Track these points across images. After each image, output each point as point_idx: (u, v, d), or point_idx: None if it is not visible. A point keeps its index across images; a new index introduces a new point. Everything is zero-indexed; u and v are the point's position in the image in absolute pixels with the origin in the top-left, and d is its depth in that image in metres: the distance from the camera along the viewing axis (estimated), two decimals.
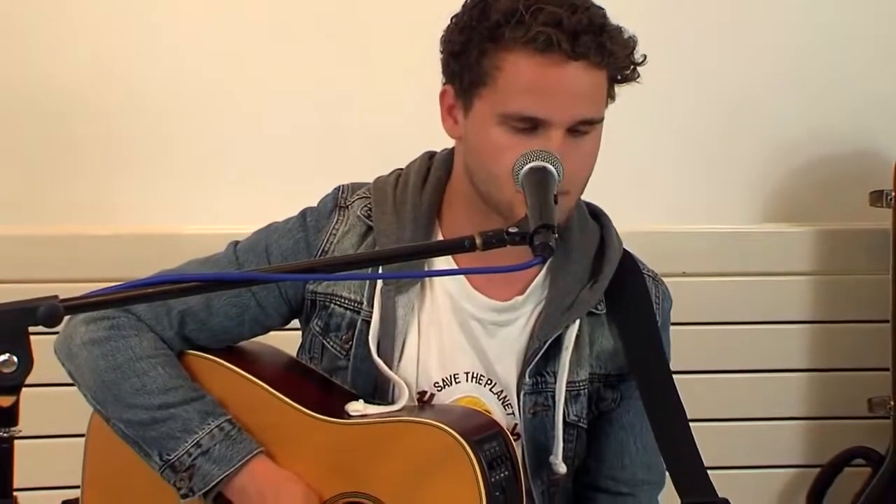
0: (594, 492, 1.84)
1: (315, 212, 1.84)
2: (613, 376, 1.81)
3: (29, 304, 1.23)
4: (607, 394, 1.81)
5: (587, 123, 1.68)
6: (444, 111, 1.76)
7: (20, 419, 1.28)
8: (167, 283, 1.32)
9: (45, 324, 1.23)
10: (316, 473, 1.73)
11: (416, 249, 1.71)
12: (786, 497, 2.76)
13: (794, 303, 2.72)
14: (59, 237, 2.56)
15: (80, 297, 1.29)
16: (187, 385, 1.79)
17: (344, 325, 1.80)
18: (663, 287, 1.87)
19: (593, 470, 1.84)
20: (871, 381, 2.70)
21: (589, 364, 1.79)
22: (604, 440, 1.83)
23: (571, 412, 1.78)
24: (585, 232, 1.81)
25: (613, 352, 1.80)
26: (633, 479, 1.82)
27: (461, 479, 1.62)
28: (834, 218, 2.76)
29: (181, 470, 1.75)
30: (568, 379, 1.76)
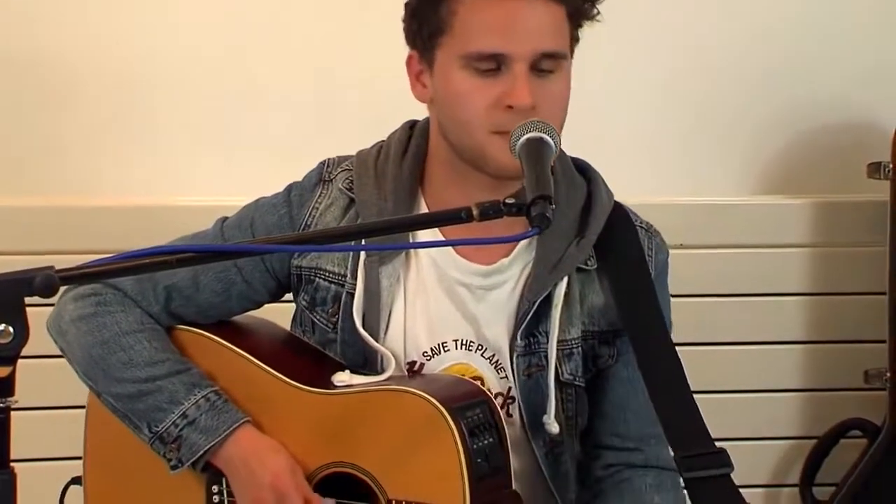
0: (601, 450, 1.83)
1: (299, 186, 1.84)
2: (608, 332, 1.80)
3: (25, 274, 1.23)
4: (603, 350, 1.81)
5: (550, 58, 1.67)
6: (412, 78, 1.76)
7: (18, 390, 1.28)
8: (160, 255, 1.32)
9: (41, 294, 1.23)
10: (302, 444, 1.74)
11: (409, 221, 1.72)
12: (782, 468, 2.77)
13: (791, 275, 2.72)
14: (53, 209, 2.57)
15: (75, 268, 1.30)
16: (174, 358, 1.80)
17: (329, 299, 1.81)
18: (657, 239, 1.85)
19: (598, 428, 1.83)
20: (868, 353, 2.70)
21: (581, 322, 1.78)
22: (605, 397, 1.82)
23: (565, 371, 1.78)
24: (572, 187, 1.80)
25: (605, 307, 1.79)
26: (639, 434, 1.81)
27: (442, 448, 1.63)
28: (831, 190, 2.76)
29: (169, 441, 1.76)
30: (559, 338, 1.75)
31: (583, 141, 1.84)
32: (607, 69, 2.64)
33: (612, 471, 1.82)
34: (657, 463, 1.81)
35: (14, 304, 1.23)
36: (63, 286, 1.26)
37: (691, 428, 1.69)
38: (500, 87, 1.65)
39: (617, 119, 2.72)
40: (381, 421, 1.69)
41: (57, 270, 1.25)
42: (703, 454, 1.66)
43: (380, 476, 1.68)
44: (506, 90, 1.65)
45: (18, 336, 1.23)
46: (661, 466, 1.81)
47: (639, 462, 1.81)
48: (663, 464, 1.80)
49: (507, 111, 1.65)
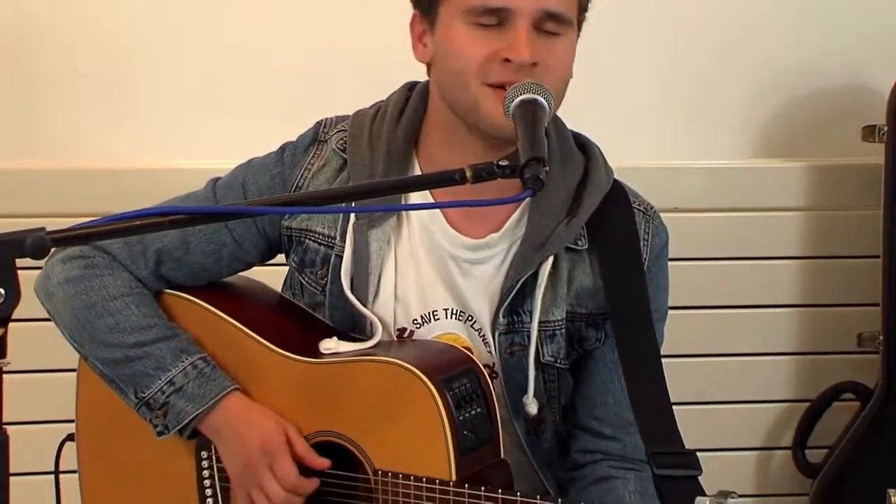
0: (579, 431, 1.83)
1: (293, 146, 1.83)
2: (596, 315, 1.78)
3: (16, 236, 1.23)
4: (590, 333, 1.79)
5: (555, 20, 1.65)
6: (414, 39, 1.75)
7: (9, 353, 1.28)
8: (151, 216, 1.31)
9: (33, 256, 1.23)
10: (289, 412, 1.74)
11: (402, 182, 1.70)
12: (774, 431, 2.77)
13: (786, 238, 2.72)
14: (44, 171, 2.56)
15: (66, 230, 1.30)
16: (161, 324, 1.79)
17: (318, 261, 1.80)
18: (656, 222, 1.81)
19: (579, 409, 1.82)
20: (861, 317, 2.70)
21: (567, 303, 1.76)
22: (588, 379, 1.81)
23: (546, 352, 1.76)
24: (568, 164, 1.78)
25: (594, 290, 1.77)
26: (617, 419, 1.80)
27: (427, 420, 1.63)
28: (826, 153, 2.75)
29: (156, 407, 1.75)
30: (541, 318, 1.74)
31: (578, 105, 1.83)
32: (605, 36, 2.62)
33: (588, 458, 1.82)
34: (633, 454, 1.80)
35: (5, 266, 1.22)
36: (54, 248, 1.26)
37: (664, 425, 1.68)
38: (500, 42, 1.64)
39: (612, 84, 2.70)
40: (367, 391, 1.69)
41: (48, 232, 1.25)
42: (675, 453, 1.65)
43: (366, 446, 1.68)
44: (506, 44, 1.63)
45: (10, 298, 1.23)
46: (638, 458, 1.79)
47: (616, 452, 1.80)
48: (640, 455, 1.78)
49: (503, 64, 1.63)
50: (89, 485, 1.90)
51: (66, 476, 1.92)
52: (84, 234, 1.30)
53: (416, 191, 1.74)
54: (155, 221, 1.32)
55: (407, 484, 1.64)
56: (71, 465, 1.91)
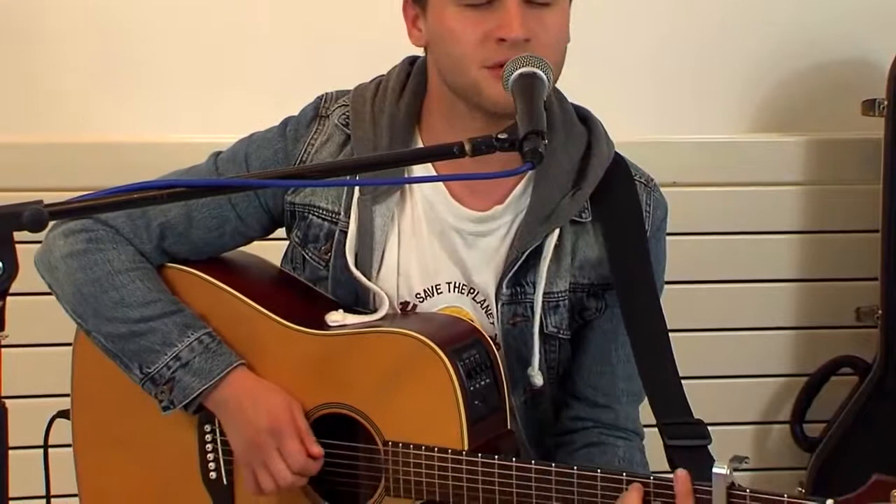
0: (574, 399, 1.83)
1: (295, 121, 1.82)
2: (598, 286, 1.79)
3: (13, 208, 1.22)
4: (591, 303, 1.79)
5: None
6: (409, 25, 1.75)
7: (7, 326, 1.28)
8: (151, 189, 1.31)
9: (30, 228, 1.22)
10: (296, 385, 1.73)
11: (402, 156, 1.70)
12: (773, 406, 2.78)
13: (785, 213, 2.72)
14: (43, 145, 2.55)
15: (64, 203, 1.29)
16: (166, 298, 1.78)
17: (322, 236, 1.79)
18: (656, 194, 1.82)
19: (574, 377, 1.83)
20: (860, 291, 2.71)
21: (571, 275, 1.77)
22: (585, 348, 1.82)
23: (550, 323, 1.77)
24: (571, 137, 1.78)
25: (597, 261, 1.78)
26: (612, 388, 1.81)
27: (439, 390, 1.63)
28: (825, 127, 2.74)
29: (161, 383, 1.75)
30: (545, 290, 1.74)
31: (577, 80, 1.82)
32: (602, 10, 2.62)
33: (579, 425, 1.82)
34: (625, 424, 1.81)
35: (3, 239, 1.22)
36: (52, 221, 1.25)
37: (673, 395, 1.69)
38: (491, 21, 1.63)
39: (612, 57, 2.70)
40: (376, 362, 1.69)
41: (46, 205, 1.24)
42: (685, 423, 1.66)
43: (376, 417, 1.68)
44: (497, 23, 1.63)
45: (7, 271, 1.22)
46: (629, 428, 1.81)
47: (608, 421, 1.81)
48: (632, 425, 1.81)
49: (498, 44, 1.63)
50: (85, 460, 1.89)
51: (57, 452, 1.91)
52: (82, 207, 1.29)
53: (416, 164, 1.74)
54: (155, 194, 1.31)
55: (418, 454, 1.64)
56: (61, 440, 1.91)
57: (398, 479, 1.66)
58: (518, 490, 1.60)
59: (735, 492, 1.50)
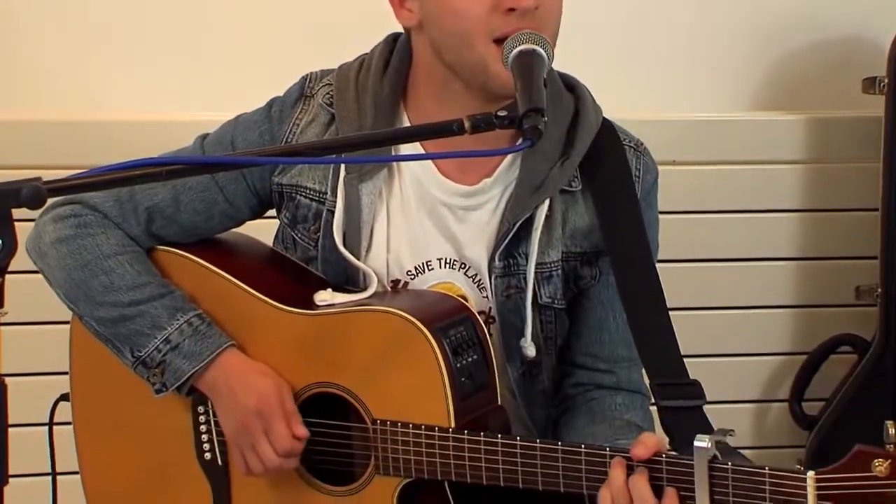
0: (574, 368, 1.84)
1: (280, 102, 1.82)
2: (590, 253, 1.79)
3: (11, 185, 1.22)
4: (585, 271, 1.80)
5: None
6: (395, 5, 1.74)
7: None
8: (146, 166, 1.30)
9: (29, 205, 1.22)
10: (285, 365, 1.74)
11: (397, 133, 1.70)
12: (772, 384, 2.78)
13: (784, 191, 2.72)
14: (40, 123, 2.54)
15: (62, 180, 1.29)
16: (156, 281, 1.79)
17: (311, 217, 1.79)
18: (646, 158, 1.82)
19: (574, 347, 1.83)
20: (859, 269, 2.70)
21: (563, 244, 1.77)
22: (582, 317, 1.82)
23: (544, 294, 1.77)
24: (559, 106, 1.77)
25: (589, 229, 1.77)
26: (612, 356, 1.81)
27: (425, 368, 1.63)
28: (825, 105, 2.73)
29: (153, 366, 1.76)
30: (537, 261, 1.74)
31: (574, 57, 1.82)
32: None
33: (581, 389, 1.83)
34: (628, 386, 1.82)
35: (1, 215, 1.22)
36: (51, 198, 1.25)
37: (667, 356, 1.69)
38: None
39: (611, 34, 2.69)
40: (364, 341, 1.69)
41: (44, 182, 1.24)
42: (678, 384, 1.67)
43: (364, 396, 1.69)
44: None
45: (6, 247, 1.22)
46: (631, 389, 1.81)
47: (609, 384, 1.82)
48: (633, 387, 1.81)
49: (507, 15, 1.62)
50: (85, 440, 1.90)
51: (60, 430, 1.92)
52: (80, 185, 1.29)
53: (411, 142, 1.73)
54: (150, 171, 1.31)
55: (406, 432, 1.64)
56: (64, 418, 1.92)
57: (387, 457, 1.66)
58: (504, 466, 1.61)
59: (717, 465, 1.51)
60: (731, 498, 1.50)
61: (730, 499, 1.50)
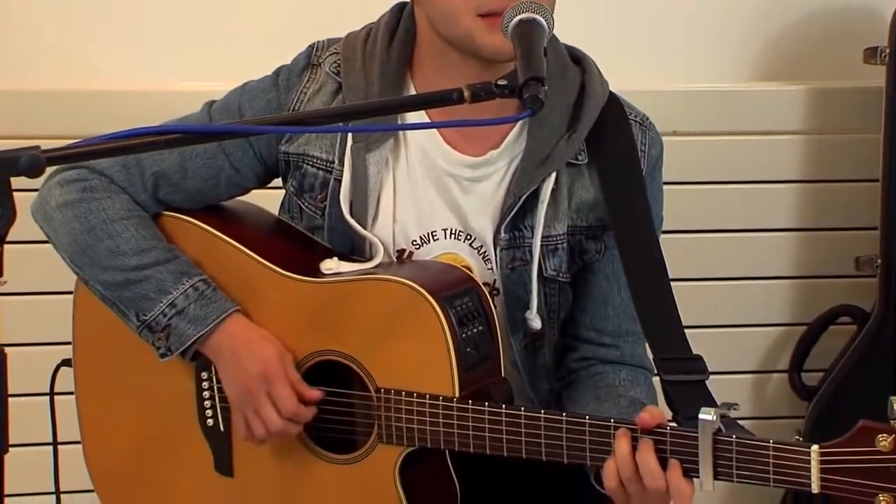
0: (578, 342, 1.84)
1: (287, 70, 1.82)
2: (595, 227, 1.79)
3: (10, 154, 1.22)
4: (590, 245, 1.80)
5: None
6: None
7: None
8: (148, 135, 1.30)
9: (27, 174, 1.22)
10: (290, 332, 1.74)
11: (399, 102, 1.70)
12: (771, 354, 2.79)
13: (785, 162, 2.71)
14: (39, 93, 2.54)
15: (62, 148, 1.28)
16: (161, 246, 1.79)
17: (317, 185, 1.79)
18: (652, 133, 1.82)
19: (578, 321, 1.84)
20: (859, 240, 2.70)
21: (568, 217, 1.77)
22: (587, 291, 1.82)
23: (549, 267, 1.77)
24: (565, 78, 1.77)
25: (594, 203, 1.77)
26: (616, 330, 1.82)
27: (430, 337, 1.63)
28: (827, 76, 2.73)
29: (158, 330, 1.76)
30: (543, 234, 1.74)
31: (575, 28, 1.81)
32: None
33: (585, 363, 1.83)
34: (631, 360, 1.82)
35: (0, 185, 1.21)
36: (49, 166, 1.25)
37: (670, 331, 1.69)
38: None
39: (610, 6, 2.68)
40: (369, 309, 1.69)
41: (43, 151, 1.24)
42: (681, 359, 1.67)
43: (368, 364, 1.69)
44: None
45: (5, 216, 1.22)
46: (635, 364, 1.82)
47: (613, 358, 1.82)
48: (637, 361, 1.82)
49: None
50: (87, 407, 1.91)
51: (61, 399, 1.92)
52: (79, 153, 1.29)
53: (413, 111, 1.73)
54: (152, 140, 1.31)
55: (409, 401, 1.65)
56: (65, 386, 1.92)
57: (390, 425, 1.67)
58: (508, 437, 1.61)
59: (721, 437, 1.51)
60: (735, 471, 1.50)
61: (733, 471, 1.51)
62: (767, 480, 1.49)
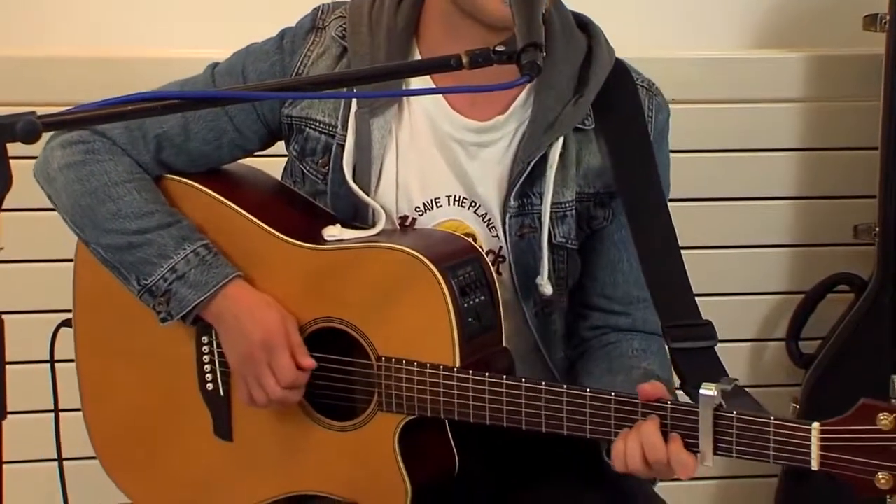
0: (589, 310, 1.83)
1: (292, 33, 1.81)
2: (603, 194, 1.78)
3: (6, 119, 1.22)
4: (598, 212, 1.79)
5: None
6: None
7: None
8: (146, 101, 1.30)
9: (24, 139, 1.22)
10: (292, 298, 1.74)
11: (399, 68, 1.69)
12: (769, 323, 2.79)
13: (783, 129, 2.70)
14: (38, 59, 2.52)
15: (57, 114, 1.28)
16: (163, 210, 1.78)
17: (320, 150, 1.78)
18: (658, 98, 1.81)
19: (587, 288, 1.83)
20: (858, 208, 2.70)
21: (576, 184, 1.76)
22: (596, 258, 1.82)
23: (558, 233, 1.77)
24: (571, 44, 1.76)
25: (602, 169, 1.77)
26: (626, 297, 1.81)
27: (432, 306, 1.63)
28: (826, 43, 2.72)
29: (158, 294, 1.75)
30: (553, 200, 1.74)
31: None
32: None
33: (597, 332, 1.83)
34: (643, 327, 1.81)
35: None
36: (46, 132, 1.24)
37: (679, 297, 1.69)
38: None
39: None
40: (371, 277, 1.69)
41: (39, 116, 1.24)
42: (690, 325, 1.66)
43: (369, 332, 1.68)
44: None
45: (2, 183, 1.22)
46: (647, 331, 1.81)
47: (625, 326, 1.81)
48: (649, 328, 1.80)
49: None
50: (87, 370, 1.91)
51: (62, 365, 1.92)
52: (75, 119, 1.29)
53: (414, 76, 1.73)
54: (149, 106, 1.30)
55: (410, 370, 1.65)
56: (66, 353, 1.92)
57: (390, 394, 1.67)
58: (508, 408, 1.61)
59: (722, 413, 1.51)
60: (735, 446, 1.51)
61: (733, 447, 1.51)
62: (767, 457, 1.49)
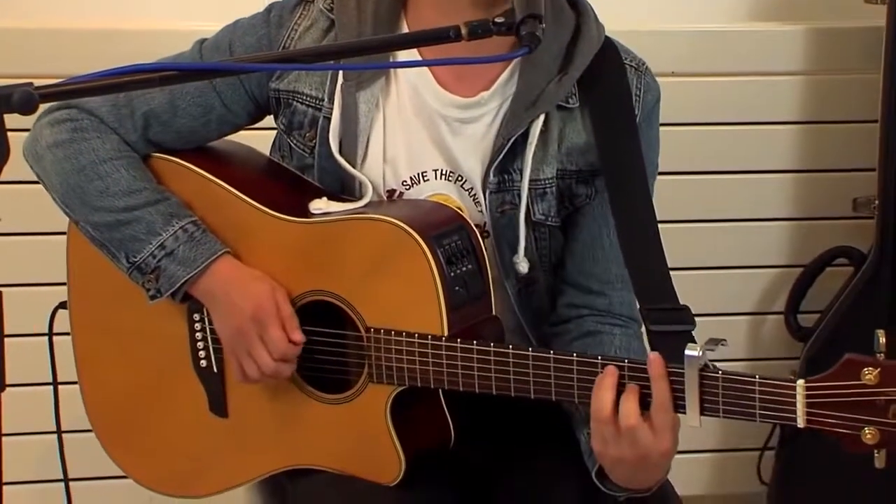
0: (566, 285, 1.82)
1: (279, 6, 1.80)
2: (586, 172, 1.77)
3: (2, 90, 1.21)
4: (580, 189, 1.78)
5: None
6: None
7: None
8: (141, 72, 1.29)
9: (20, 111, 1.22)
10: (280, 272, 1.74)
11: (395, 40, 1.68)
12: (768, 296, 2.79)
13: (783, 102, 2.70)
14: (29, 31, 2.51)
15: (54, 85, 1.28)
16: (151, 187, 1.78)
17: (306, 123, 1.78)
18: (647, 78, 1.79)
19: (567, 265, 1.82)
20: (857, 181, 2.70)
21: (558, 161, 1.75)
22: (576, 235, 1.80)
23: (537, 211, 1.76)
24: (559, 21, 1.75)
25: (585, 147, 1.75)
26: (605, 275, 1.79)
27: (418, 276, 1.63)
28: (826, 16, 2.71)
29: (147, 272, 1.76)
30: (531, 177, 1.73)
31: None
32: None
33: (574, 312, 1.81)
34: (620, 310, 1.80)
35: None
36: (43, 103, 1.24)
37: (658, 281, 1.67)
38: None
39: None
40: (358, 249, 1.69)
41: (36, 87, 1.23)
42: (668, 309, 1.65)
43: (358, 304, 1.69)
44: None
45: None
46: (624, 314, 1.80)
47: (602, 308, 1.80)
48: (626, 311, 1.79)
49: None
50: (83, 349, 1.91)
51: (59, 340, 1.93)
52: (73, 90, 1.28)
53: (409, 48, 1.72)
54: (145, 77, 1.30)
55: (399, 340, 1.65)
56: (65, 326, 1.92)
57: (380, 365, 1.67)
58: (496, 374, 1.61)
59: (707, 373, 1.52)
60: (721, 406, 1.51)
61: (720, 407, 1.51)
62: (753, 416, 1.50)
